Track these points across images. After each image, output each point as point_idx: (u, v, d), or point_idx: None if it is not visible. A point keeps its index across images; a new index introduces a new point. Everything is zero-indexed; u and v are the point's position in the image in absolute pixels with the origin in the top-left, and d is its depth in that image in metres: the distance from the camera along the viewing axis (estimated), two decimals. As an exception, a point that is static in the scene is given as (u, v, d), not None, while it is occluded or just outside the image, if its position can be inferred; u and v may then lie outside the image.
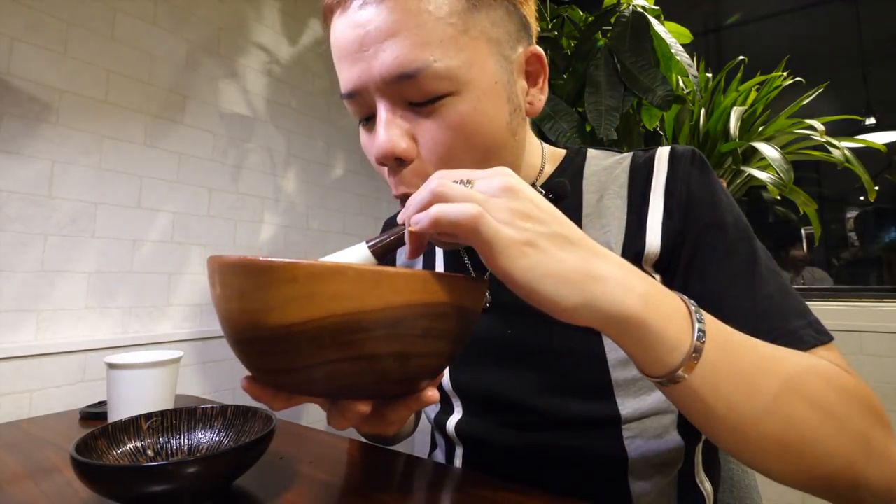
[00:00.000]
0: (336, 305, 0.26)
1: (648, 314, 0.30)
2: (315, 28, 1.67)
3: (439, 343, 0.30)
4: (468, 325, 0.33)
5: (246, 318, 0.28)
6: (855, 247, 1.80)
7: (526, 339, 0.50)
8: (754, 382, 0.32)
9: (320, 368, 0.28)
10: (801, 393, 0.33)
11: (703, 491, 0.51)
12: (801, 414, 0.32)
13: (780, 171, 1.22)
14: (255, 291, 0.27)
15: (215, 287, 0.30)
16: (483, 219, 0.28)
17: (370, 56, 0.40)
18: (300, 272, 0.26)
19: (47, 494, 0.46)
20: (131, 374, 0.66)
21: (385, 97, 0.41)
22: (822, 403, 0.33)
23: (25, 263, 0.97)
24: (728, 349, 0.32)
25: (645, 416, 0.46)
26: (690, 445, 0.49)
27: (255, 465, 0.46)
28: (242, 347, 0.30)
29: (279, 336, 0.27)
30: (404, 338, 0.28)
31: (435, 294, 0.28)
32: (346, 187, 1.75)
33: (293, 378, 0.29)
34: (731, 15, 2.07)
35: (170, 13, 1.23)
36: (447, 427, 0.56)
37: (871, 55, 1.78)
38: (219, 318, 0.30)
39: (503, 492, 0.45)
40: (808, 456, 0.32)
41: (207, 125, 1.31)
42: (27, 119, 0.97)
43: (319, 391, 0.31)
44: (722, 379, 0.31)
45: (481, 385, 0.52)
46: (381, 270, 0.27)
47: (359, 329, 0.27)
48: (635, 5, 1.29)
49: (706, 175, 0.47)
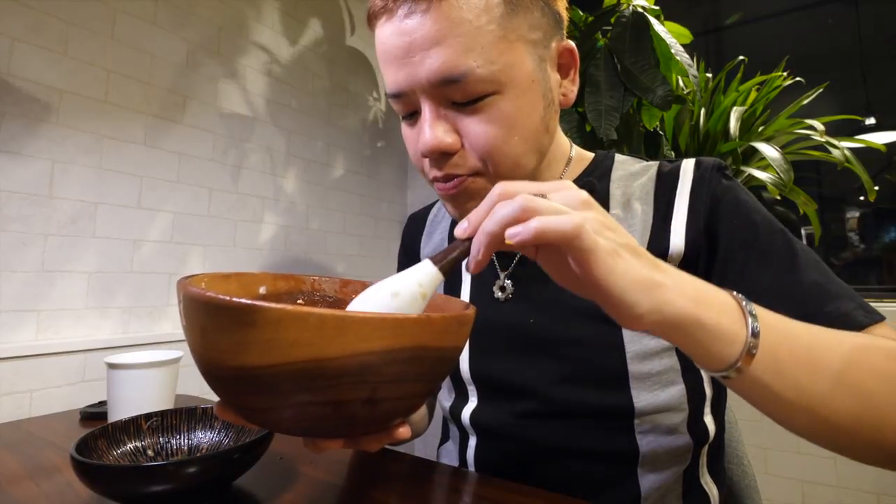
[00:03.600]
0: (297, 352, 0.25)
1: (702, 311, 0.31)
2: (315, 28, 1.67)
3: (413, 386, 0.29)
4: (446, 364, 0.31)
5: (208, 355, 0.27)
6: (855, 247, 1.80)
7: (547, 330, 0.51)
8: (816, 362, 0.33)
9: (285, 410, 0.27)
10: (865, 367, 0.33)
11: (708, 493, 0.51)
12: (869, 386, 0.33)
13: (780, 171, 1.22)
14: (215, 331, 0.26)
15: (181, 316, 0.29)
16: (584, 228, 0.28)
17: (416, 62, 0.43)
18: (259, 316, 0.25)
19: (47, 494, 0.46)
20: (131, 374, 0.66)
21: (430, 98, 0.44)
22: (888, 375, 0.33)
23: (25, 263, 0.97)
24: (784, 334, 0.33)
25: (658, 412, 0.47)
26: (697, 446, 0.49)
27: (255, 465, 0.46)
28: (209, 381, 0.29)
29: (240, 377, 0.26)
30: (372, 384, 0.27)
31: (407, 338, 0.27)
32: (346, 187, 1.75)
33: (260, 416, 0.29)
34: (731, 15, 2.07)
35: (170, 13, 1.23)
36: (462, 416, 0.56)
37: (871, 55, 1.78)
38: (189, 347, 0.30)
39: (506, 492, 0.45)
40: (887, 428, 0.33)
41: (207, 125, 1.31)
42: (27, 119, 0.97)
43: (287, 430, 0.30)
44: (784, 363, 0.32)
45: (500, 374, 0.53)
46: (346, 316, 0.25)
47: (321, 376, 0.26)
48: (635, 5, 1.29)
49: (730, 181, 0.49)
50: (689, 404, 0.48)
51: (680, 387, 0.48)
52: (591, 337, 0.48)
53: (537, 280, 0.52)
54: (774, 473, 1.42)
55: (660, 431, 0.47)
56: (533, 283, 0.53)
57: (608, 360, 0.48)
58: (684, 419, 0.48)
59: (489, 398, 0.55)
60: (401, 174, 2.02)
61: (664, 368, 0.47)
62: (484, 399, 0.55)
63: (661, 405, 0.47)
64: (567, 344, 0.50)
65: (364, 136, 1.84)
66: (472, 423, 0.55)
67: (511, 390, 0.52)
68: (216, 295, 0.25)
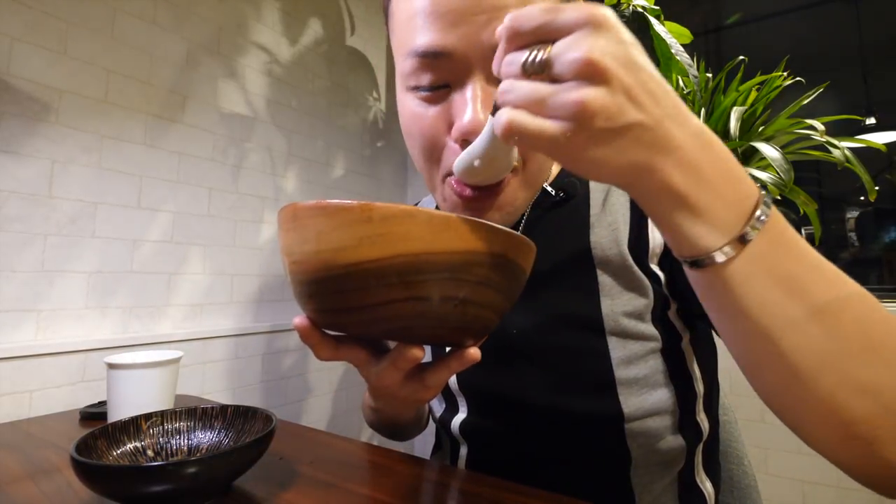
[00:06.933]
0: (405, 246, 0.28)
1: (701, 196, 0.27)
2: (315, 28, 1.66)
3: (494, 295, 0.32)
4: (518, 284, 0.34)
5: (320, 258, 0.29)
6: (855, 247, 1.80)
7: (530, 339, 0.50)
8: (802, 285, 0.28)
9: (384, 308, 0.29)
10: (851, 312, 0.28)
11: (703, 492, 0.51)
12: (848, 331, 0.28)
13: (781, 171, 1.22)
14: (331, 231, 0.29)
15: (290, 232, 0.31)
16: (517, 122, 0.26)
17: (481, 23, 0.37)
18: (375, 213, 0.28)
19: (47, 494, 0.46)
20: (131, 374, 0.66)
21: (485, 70, 0.38)
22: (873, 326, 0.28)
23: (25, 263, 0.97)
24: (784, 247, 0.29)
25: (647, 416, 0.46)
26: (691, 446, 0.49)
27: (255, 465, 0.46)
28: (311, 289, 0.31)
29: (350, 273, 0.29)
30: (464, 283, 0.29)
31: (496, 245, 0.30)
32: (346, 187, 1.75)
33: (356, 317, 0.31)
34: (731, 15, 2.07)
35: (170, 13, 1.23)
36: (452, 426, 0.56)
37: (871, 55, 1.78)
38: (288, 265, 0.32)
39: (504, 492, 0.45)
40: (848, 382, 0.27)
41: (207, 125, 1.31)
42: (27, 119, 0.97)
43: (378, 331, 0.32)
44: (762, 273, 0.28)
45: (487, 384, 0.52)
46: (450, 217, 0.28)
47: (425, 270, 0.28)
48: (635, 5, 1.28)
49: None
50: (680, 405, 0.47)
51: (668, 389, 0.47)
52: (575, 345, 0.48)
53: None
54: (775, 473, 1.42)
55: (651, 435, 0.46)
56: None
57: (593, 367, 0.47)
58: (675, 421, 0.47)
59: (478, 408, 0.54)
60: (401, 174, 2.02)
61: (651, 372, 0.47)
62: (473, 409, 0.54)
63: (650, 409, 0.46)
64: (551, 353, 0.49)
65: (364, 136, 1.84)
66: (461, 433, 0.55)
67: (498, 400, 0.51)
68: (332, 201, 0.29)
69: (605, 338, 0.47)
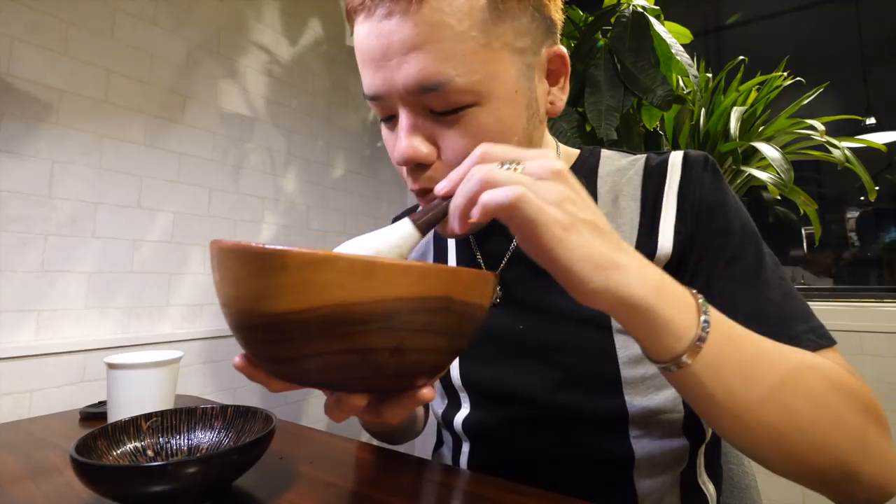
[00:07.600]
0: (328, 295, 0.25)
1: (658, 303, 0.31)
2: (315, 28, 1.66)
3: (439, 339, 0.30)
4: (472, 321, 0.31)
5: (241, 304, 0.28)
6: (855, 247, 1.80)
7: (537, 335, 0.50)
8: (755, 372, 0.34)
9: (314, 359, 0.28)
10: (801, 386, 0.34)
11: (706, 493, 0.51)
12: (798, 405, 0.34)
13: (781, 171, 1.22)
14: (248, 278, 0.27)
15: (216, 272, 0.30)
16: (524, 199, 0.28)
17: (393, 66, 0.40)
18: (290, 260, 0.25)
19: (47, 494, 0.46)
20: (131, 374, 0.66)
21: (407, 105, 0.42)
22: (820, 398, 0.34)
23: (25, 263, 0.97)
24: (731, 341, 0.34)
25: (652, 416, 0.46)
26: (694, 446, 0.49)
27: (255, 465, 0.46)
28: (240, 334, 0.30)
29: (272, 324, 0.27)
30: (400, 332, 0.27)
31: (433, 287, 0.27)
32: (346, 187, 1.75)
33: (288, 367, 0.29)
34: (731, 15, 2.07)
35: (170, 13, 1.23)
36: (454, 423, 0.56)
37: (871, 55, 1.78)
38: (221, 306, 0.30)
39: (505, 492, 0.45)
40: (804, 445, 0.34)
41: (207, 125, 1.31)
42: (27, 119, 0.97)
43: (314, 382, 0.30)
44: (724, 367, 0.33)
45: (491, 380, 0.52)
46: (374, 261, 0.26)
47: (351, 321, 0.26)
48: (635, 5, 1.28)
49: (718, 180, 0.48)
50: (685, 406, 0.47)
51: (674, 389, 0.47)
52: (582, 342, 0.48)
53: (525, 284, 0.51)
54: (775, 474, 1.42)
55: (655, 435, 0.46)
56: (521, 287, 0.52)
57: (600, 366, 0.47)
58: (680, 421, 0.47)
59: (481, 405, 0.54)
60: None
61: (657, 372, 0.46)
62: (476, 405, 0.54)
63: (655, 409, 0.46)
64: (557, 350, 0.49)
65: (364, 136, 1.84)
66: (464, 430, 0.55)
67: (502, 397, 0.51)
68: (249, 244, 0.27)
69: (613, 336, 0.47)
